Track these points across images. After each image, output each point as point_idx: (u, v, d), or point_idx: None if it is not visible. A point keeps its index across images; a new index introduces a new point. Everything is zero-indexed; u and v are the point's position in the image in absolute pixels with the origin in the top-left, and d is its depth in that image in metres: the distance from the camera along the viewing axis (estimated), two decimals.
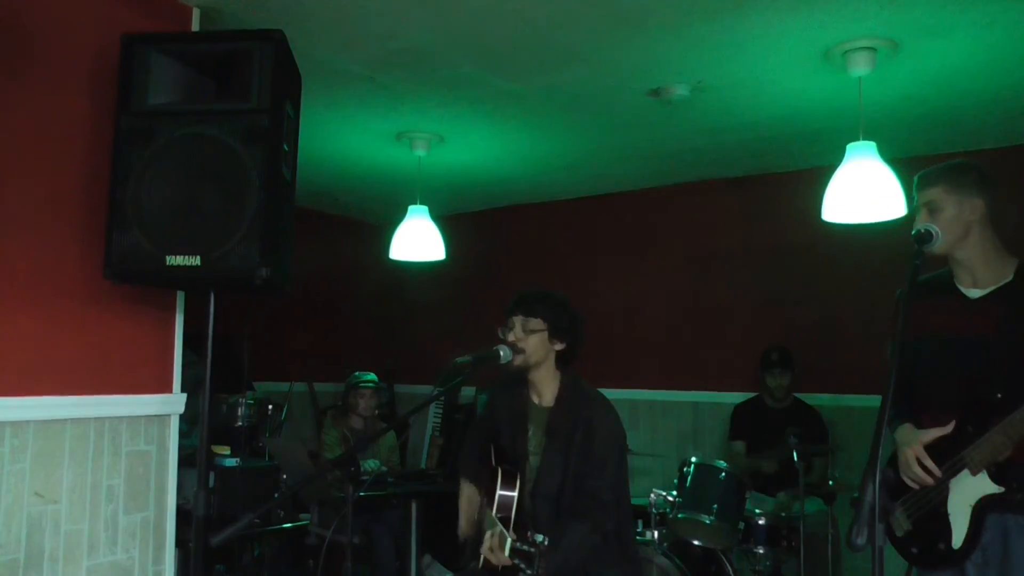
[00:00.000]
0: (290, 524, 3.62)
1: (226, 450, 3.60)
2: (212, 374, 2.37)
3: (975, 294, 2.32)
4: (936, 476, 2.23)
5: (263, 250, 2.15)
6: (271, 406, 4.28)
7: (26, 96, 2.34)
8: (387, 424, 5.22)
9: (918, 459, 2.25)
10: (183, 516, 2.68)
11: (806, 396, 4.47)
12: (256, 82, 2.21)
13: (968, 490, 2.21)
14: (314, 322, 6.09)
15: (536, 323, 2.57)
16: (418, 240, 4.49)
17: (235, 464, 3.40)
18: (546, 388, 2.64)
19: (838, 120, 3.74)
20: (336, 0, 2.77)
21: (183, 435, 2.76)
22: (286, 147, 2.29)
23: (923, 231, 2.21)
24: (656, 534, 3.61)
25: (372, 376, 4.78)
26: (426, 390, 6.07)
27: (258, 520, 3.42)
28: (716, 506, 3.53)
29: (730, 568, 3.67)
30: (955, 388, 2.29)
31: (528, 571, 2.05)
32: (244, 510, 3.11)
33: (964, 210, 2.27)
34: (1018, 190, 2.35)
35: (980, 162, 2.38)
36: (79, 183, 2.43)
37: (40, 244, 2.34)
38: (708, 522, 3.53)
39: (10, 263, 2.28)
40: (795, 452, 3.52)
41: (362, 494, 3.22)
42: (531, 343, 2.56)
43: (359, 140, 4.36)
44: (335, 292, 6.30)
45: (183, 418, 2.73)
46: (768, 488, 4.05)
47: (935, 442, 2.26)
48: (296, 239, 2.45)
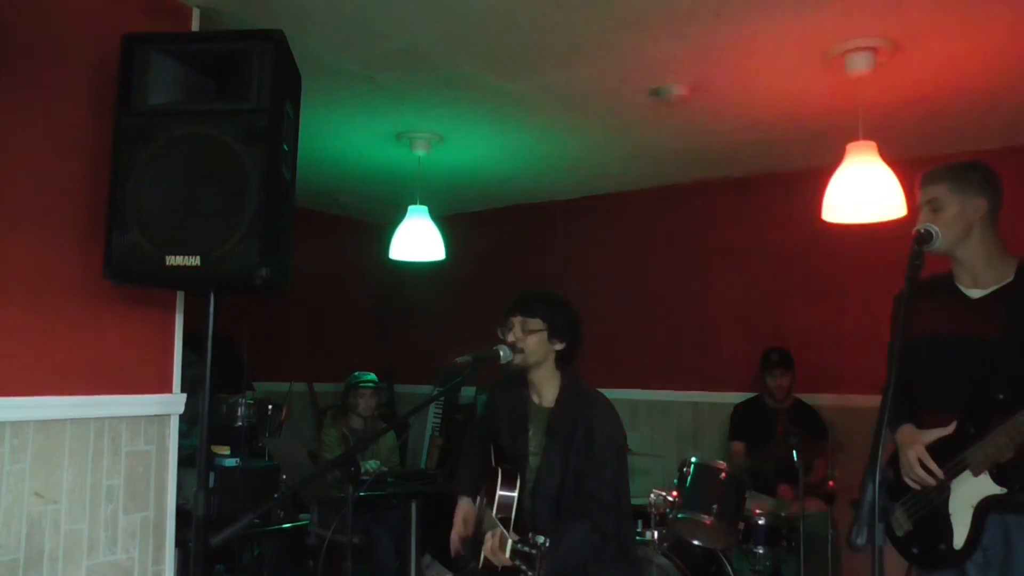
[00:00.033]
0: (290, 524, 3.62)
1: (226, 450, 3.60)
2: (212, 374, 2.37)
3: (976, 294, 2.30)
4: (938, 477, 2.22)
5: (263, 250, 2.15)
6: (271, 406, 4.28)
7: (26, 96, 2.34)
8: (387, 424, 5.22)
9: (920, 460, 2.24)
10: (183, 516, 2.68)
11: (806, 396, 4.47)
12: (256, 82, 2.21)
13: (970, 491, 2.20)
14: (314, 322, 6.09)
15: (535, 323, 2.57)
16: (418, 240, 4.50)
17: (235, 464, 3.40)
18: (546, 388, 2.63)
19: (838, 120, 3.73)
20: (336, 0, 2.78)
21: (183, 435, 2.76)
22: (286, 147, 2.29)
23: (923, 231, 2.19)
24: (656, 534, 3.60)
25: (372, 376, 4.77)
26: (426, 390, 6.08)
27: (258, 520, 3.42)
28: (716, 506, 3.53)
29: (730, 568, 3.67)
30: (956, 388, 2.27)
31: (529, 572, 2.05)
32: (244, 510, 3.11)
33: (967, 209, 2.25)
34: (1018, 190, 2.33)
35: (984, 162, 2.36)
36: (79, 183, 2.43)
37: (40, 244, 2.35)
38: (708, 522, 3.53)
39: (10, 263, 2.28)
40: (795, 452, 3.52)
41: (362, 494, 3.22)
42: (530, 343, 2.55)
43: (359, 140, 4.36)
44: (335, 292, 6.30)
45: (183, 418, 2.73)
46: (768, 488, 4.05)
47: (936, 442, 2.25)
48: (296, 239, 2.45)
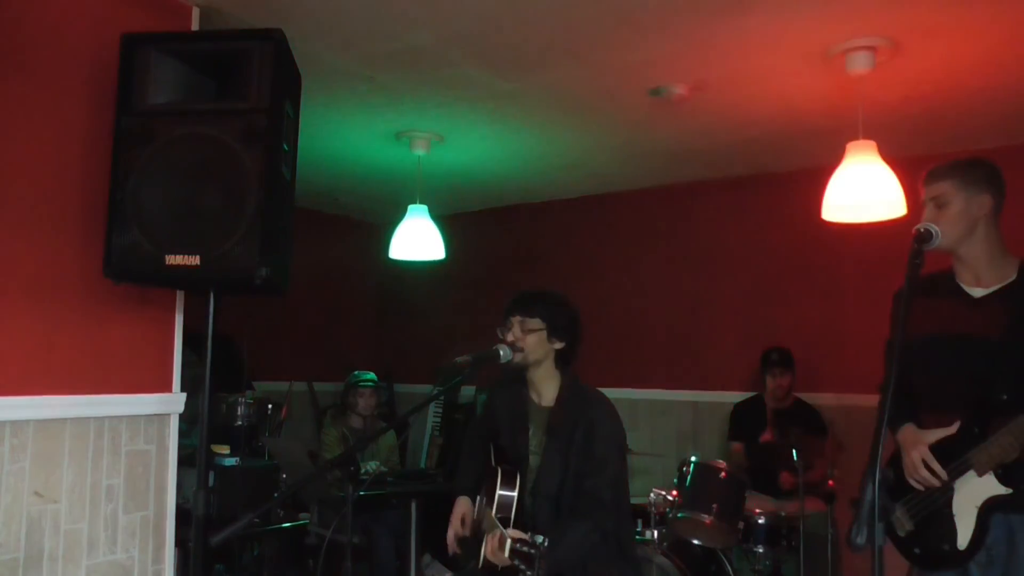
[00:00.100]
0: (290, 524, 3.62)
1: (226, 449, 3.60)
2: (212, 373, 2.37)
3: (978, 293, 2.28)
4: (942, 478, 2.21)
5: (263, 250, 2.15)
6: (271, 405, 4.28)
7: (26, 95, 2.34)
8: (387, 423, 5.21)
9: (924, 461, 2.23)
10: (183, 515, 2.68)
11: (806, 396, 4.47)
12: (256, 82, 2.21)
13: (974, 491, 2.19)
14: (314, 321, 6.09)
15: (535, 323, 2.57)
16: (418, 240, 4.50)
17: (235, 463, 3.40)
18: (546, 388, 2.63)
19: (838, 120, 3.73)
20: (336, 0, 2.78)
21: (183, 434, 2.76)
22: (286, 147, 2.29)
23: (923, 230, 2.16)
24: (656, 534, 3.61)
25: (371, 375, 4.77)
26: (426, 390, 6.08)
27: (258, 520, 3.42)
28: (716, 505, 3.53)
29: (730, 568, 3.67)
30: (959, 388, 2.26)
31: (528, 572, 2.05)
32: (244, 510, 3.12)
33: (971, 206, 2.24)
34: (1018, 190, 2.33)
35: (988, 159, 2.34)
36: (79, 183, 2.43)
37: (40, 243, 2.35)
38: (708, 521, 3.53)
39: (10, 263, 2.28)
40: (795, 452, 3.52)
41: (362, 494, 3.22)
42: (530, 342, 2.55)
43: (359, 140, 4.36)
44: (335, 291, 6.30)
45: (182, 417, 2.73)
46: (769, 479, 4.05)
47: (939, 443, 2.24)
48: (296, 239, 2.45)
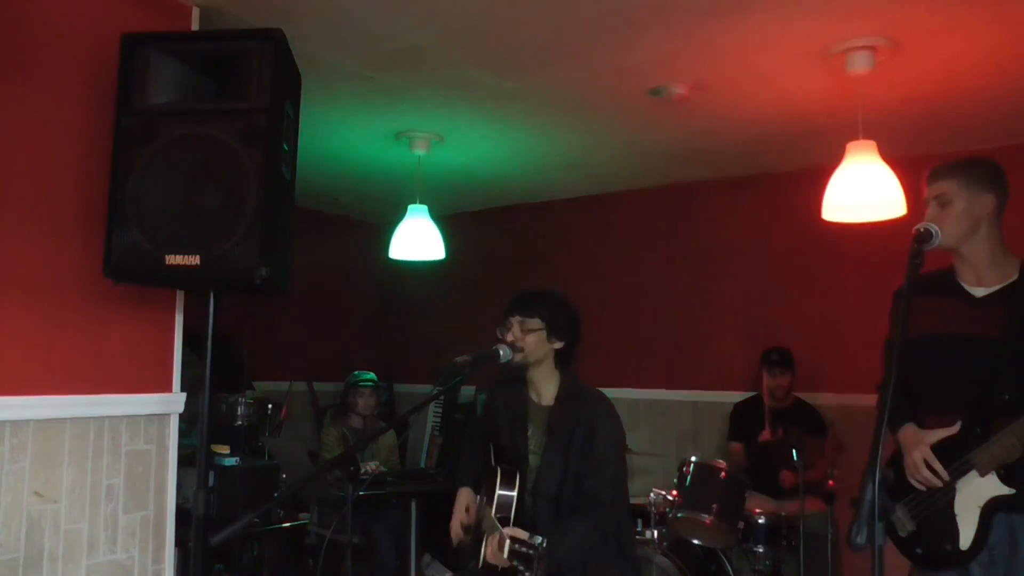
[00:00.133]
0: (290, 524, 3.62)
1: (226, 449, 3.60)
2: (211, 373, 2.37)
3: (980, 292, 2.28)
4: (944, 479, 2.20)
5: (262, 250, 2.15)
6: (271, 405, 4.28)
7: (26, 96, 2.34)
8: (386, 423, 5.21)
9: (926, 461, 2.22)
10: (183, 515, 2.68)
11: (807, 396, 4.47)
12: (256, 81, 2.21)
13: (976, 491, 2.18)
14: (314, 321, 6.09)
15: (534, 323, 2.57)
16: (418, 239, 4.50)
17: (235, 463, 3.40)
18: (545, 387, 2.63)
19: (838, 119, 3.73)
20: (336, 0, 2.78)
21: (182, 434, 2.76)
22: (285, 147, 2.29)
23: (922, 230, 2.15)
24: (656, 534, 3.61)
25: (371, 375, 4.77)
26: (425, 389, 6.08)
27: (258, 520, 3.42)
28: (716, 505, 3.53)
29: (730, 568, 3.67)
30: (960, 388, 2.25)
31: (527, 573, 2.05)
32: (244, 510, 3.12)
33: (975, 205, 2.23)
34: (1018, 190, 2.33)
35: (991, 158, 2.32)
36: (79, 183, 2.43)
37: (40, 243, 2.34)
38: (708, 521, 3.53)
39: (10, 262, 2.28)
40: (795, 451, 3.52)
41: (361, 493, 3.22)
42: (530, 342, 2.55)
43: (359, 139, 4.36)
44: (335, 291, 6.30)
45: (182, 417, 2.73)
46: (770, 478, 4.04)
47: (940, 443, 2.23)
48: (296, 239, 2.45)
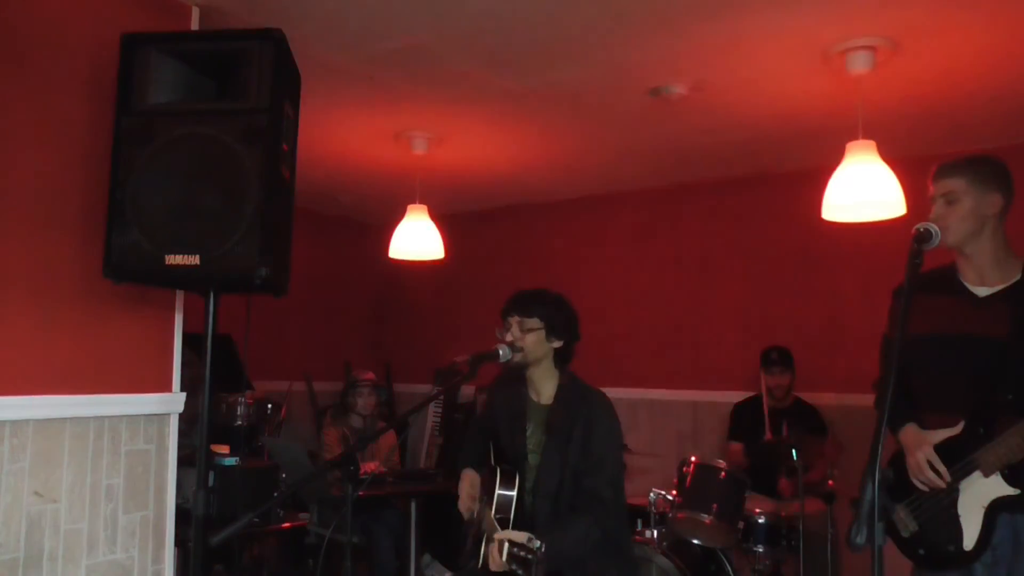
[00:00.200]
0: (290, 524, 3.62)
1: (225, 449, 3.60)
2: (211, 373, 2.37)
3: (982, 292, 2.26)
4: (948, 480, 2.19)
5: (262, 249, 2.15)
6: (270, 406, 4.28)
7: (26, 95, 2.34)
8: (386, 423, 5.21)
9: (930, 462, 2.22)
10: (183, 515, 2.68)
11: (807, 396, 4.47)
12: (255, 81, 2.20)
13: (980, 492, 2.18)
14: (313, 321, 6.09)
15: (533, 322, 2.58)
16: (417, 239, 4.50)
17: (234, 463, 3.40)
18: (544, 386, 2.64)
19: (838, 120, 3.73)
20: (336, 0, 2.77)
21: (182, 434, 2.76)
22: (285, 146, 2.29)
23: (922, 230, 2.12)
24: (656, 534, 3.60)
25: (371, 375, 4.77)
26: (425, 389, 6.07)
27: (257, 520, 3.42)
28: (716, 505, 3.53)
29: (730, 567, 3.67)
30: (963, 388, 2.24)
31: None
32: (244, 510, 3.12)
33: (982, 204, 2.21)
34: (1018, 190, 2.32)
35: (998, 157, 2.31)
36: (79, 182, 2.43)
37: (40, 243, 2.34)
38: (708, 521, 3.53)
39: (10, 262, 2.28)
40: (794, 451, 3.52)
41: (361, 493, 3.21)
42: (529, 342, 2.56)
43: (358, 139, 4.36)
44: (334, 291, 6.30)
45: (182, 417, 2.72)
46: (768, 483, 4.04)
47: (943, 443, 2.23)
48: (296, 239, 2.45)
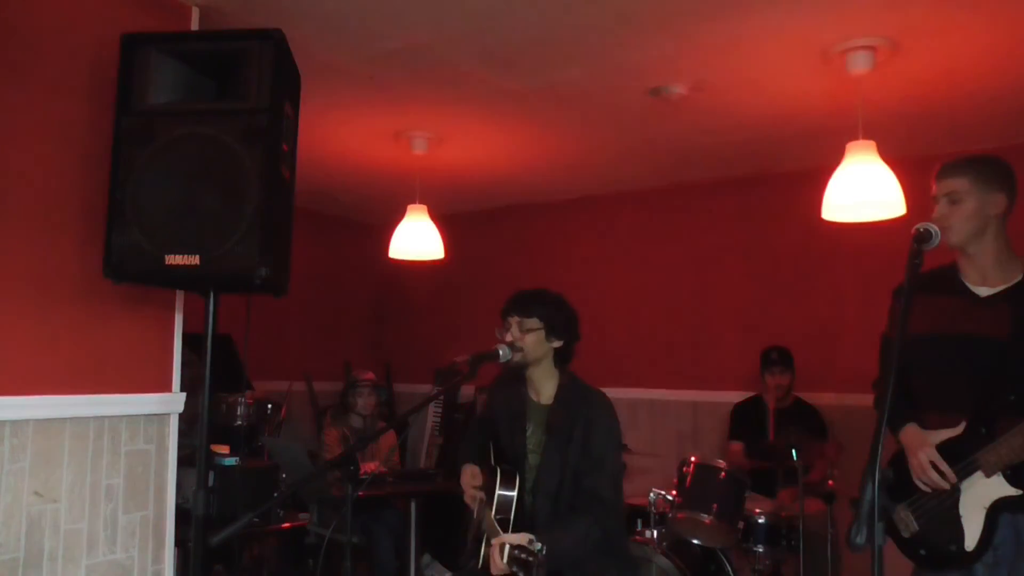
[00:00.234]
0: (290, 524, 3.62)
1: (225, 449, 3.59)
2: (211, 373, 2.37)
3: (984, 292, 2.26)
4: (951, 481, 2.19)
5: (262, 250, 2.15)
6: (270, 406, 4.28)
7: (26, 96, 2.33)
8: (386, 423, 5.21)
9: (933, 463, 2.21)
10: (183, 515, 2.68)
11: (807, 396, 4.47)
12: (255, 81, 2.20)
13: (982, 492, 2.17)
14: (313, 321, 6.09)
15: (533, 323, 2.58)
16: (417, 239, 4.49)
17: (234, 463, 3.40)
18: (544, 386, 2.64)
19: (838, 120, 3.73)
20: (336, 0, 2.77)
21: (182, 434, 2.76)
22: (285, 146, 2.29)
23: (922, 230, 2.10)
24: (656, 534, 3.60)
25: (371, 375, 4.77)
26: (425, 389, 6.07)
27: (257, 520, 3.42)
28: (716, 505, 3.53)
29: (729, 567, 3.67)
30: (964, 388, 2.23)
31: None
32: (244, 510, 3.12)
33: (986, 205, 2.21)
34: (1019, 190, 2.32)
35: (1002, 158, 2.30)
36: (79, 183, 2.43)
37: (40, 243, 2.34)
38: (707, 521, 3.53)
39: (10, 262, 2.28)
40: (794, 451, 3.52)
41: (361, 493, 3.22)
42: (529, 342, 2.56)
43: (358, 139, 4.36)
44: (334, 291, 6.30)
45: (182, 417, 2.72)
46: (768, 488, 4.04)
47: (944, 443, 2.22)
48: (296, 239, 2.45)
